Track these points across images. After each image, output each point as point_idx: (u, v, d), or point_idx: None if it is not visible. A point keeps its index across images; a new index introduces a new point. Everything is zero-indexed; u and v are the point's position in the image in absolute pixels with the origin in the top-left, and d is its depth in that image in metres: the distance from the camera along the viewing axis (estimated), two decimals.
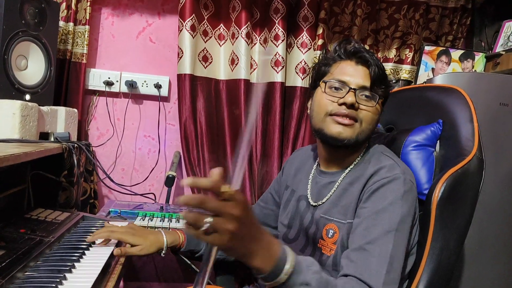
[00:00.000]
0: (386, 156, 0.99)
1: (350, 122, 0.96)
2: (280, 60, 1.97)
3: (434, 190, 0.98)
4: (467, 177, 0.99)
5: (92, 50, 1.97)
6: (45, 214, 1.24)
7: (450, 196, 0.99)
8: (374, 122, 1.00)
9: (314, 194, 1.07)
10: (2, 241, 0.93)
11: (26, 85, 1.50)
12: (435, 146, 1.11)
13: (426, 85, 1.31)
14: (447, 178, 0.98)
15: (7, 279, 0.74)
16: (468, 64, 1.95)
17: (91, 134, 2.00)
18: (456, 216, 0.99)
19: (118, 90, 1.98)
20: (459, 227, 1.00)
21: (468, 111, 1.06)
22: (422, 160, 1.09)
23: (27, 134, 1.39)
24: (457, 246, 0.99)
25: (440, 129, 1.10)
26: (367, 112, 0.98)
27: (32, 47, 1.54)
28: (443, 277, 0.98)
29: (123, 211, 1.57)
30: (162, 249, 1.06)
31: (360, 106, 0.97)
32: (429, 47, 1.94)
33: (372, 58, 0.99)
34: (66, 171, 1.41)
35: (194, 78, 1.96)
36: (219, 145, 2.00)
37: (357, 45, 1.02)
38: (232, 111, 1.99)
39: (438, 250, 0.97)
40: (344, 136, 0.96)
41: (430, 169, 1.08)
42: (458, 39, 2.15)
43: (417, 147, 1.10)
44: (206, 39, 1.99)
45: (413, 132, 1.13)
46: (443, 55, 1.94)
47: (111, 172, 1.98)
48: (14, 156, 0.92)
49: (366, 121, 0.98)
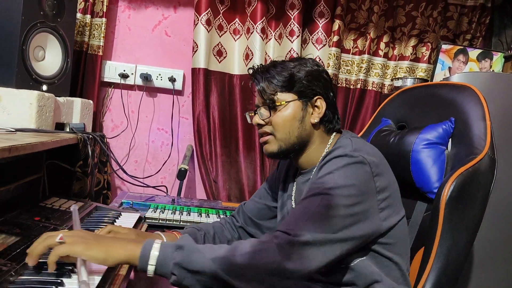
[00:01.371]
0: (347, 139, 1.00)
1: (266, 138, 1.04)
2: (294, 56, 1.96)
3: (444, 188, 0.97)
4: (478, 176, 0.97)
5: (108, 42, 1.99)
6: (59, 203, 1.26)
7: (460, 195, 0.97)
8: (287, 125, 1.01)
9: (297, 193, 1.10)
10: (17, 228, 0.95)
11: (43, 76, 1.52)
12: (446, 145, 1.09)
13: (438, 82, 1.29)
14: (457, 177, 0.97)
15: (21, 265, 0.76)
16: (486, 64, 1.92)
17: (105, 126, 2.02)
18: (466, 215, 0.98)
19: (133, 83, 2.00)
20: (468, 227, 0.98)
21: (481, 109, 1.04)
22: (433, 158, 1.07)
23: (43, 124, 1.42)
24: (466, 246, 0.98)
25: (452, 127, 1.08)
26: (274, 121, 1.02)
27: (50, 39, 1.56)
28: (451, 277, 0.97)
29: (135, 203, 1.59)
30: None
31: (265, 121, 1.03)
32: (447, 45, 1.91)
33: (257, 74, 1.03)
34: (81, 161, 1.43)
35: (208, 72, 1.96)
36: (232, 139, 2.01)
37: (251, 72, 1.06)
38: (246, 106, 1.99)
39: (446, 250, 0.96)
40: (269, 151, 1.04)
41: (441, 168, 1.06)
42: (477, 38, 2.12)
43: (428, 145, 1.09)
44: (221, 33, 1.99)
45: (424, 130, 1.11)
46: (461, 54, 1.91)
47: (124, 163, 2.01)
48: (30, 145, 0.94)
49: (278, 130, 1.02)
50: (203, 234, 1.18)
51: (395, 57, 2.11)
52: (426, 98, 1.23)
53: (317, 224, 0.82)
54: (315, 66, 1.04)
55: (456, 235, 0.97)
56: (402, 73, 2.11)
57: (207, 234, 1.19)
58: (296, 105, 1.01)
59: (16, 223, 0.98)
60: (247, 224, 1.25)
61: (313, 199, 0.86)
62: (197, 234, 1.17)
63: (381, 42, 2.07)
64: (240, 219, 1.27)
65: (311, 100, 1.02)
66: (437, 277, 0.95)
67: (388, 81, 2.10)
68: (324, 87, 1.03)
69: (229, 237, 1.24)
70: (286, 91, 1.01)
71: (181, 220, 1.48)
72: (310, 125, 1.03)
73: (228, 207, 1.70)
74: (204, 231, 1.19)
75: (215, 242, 1.20)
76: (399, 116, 1.30)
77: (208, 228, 1.21)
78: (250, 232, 1.25)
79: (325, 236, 0.82)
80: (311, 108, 1.02)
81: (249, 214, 1.24)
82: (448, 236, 0.96)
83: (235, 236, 1.25)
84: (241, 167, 2.00)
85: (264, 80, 1.02)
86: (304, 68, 1.02)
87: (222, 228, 1.25)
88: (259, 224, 1.24)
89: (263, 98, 1.02)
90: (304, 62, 1.03)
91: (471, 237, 0.98)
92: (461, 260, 0.97)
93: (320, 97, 1.02)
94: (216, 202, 1.80)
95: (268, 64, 1.06)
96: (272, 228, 1.25)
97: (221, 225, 1.26)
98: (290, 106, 1.01)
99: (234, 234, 1.25)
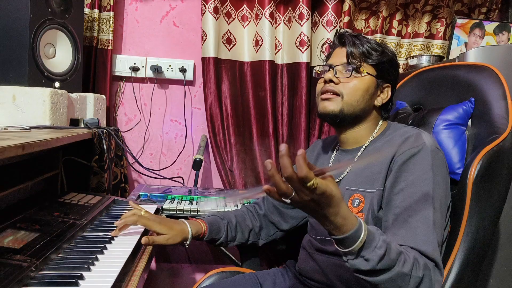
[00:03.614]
0: (409, 127, 1.04)
1: (331, 96, 1.04)
2: (305, 40, 1.93)
3: (470, 168, 0.98)
4: (502, 155, 0.99)
5: (117, 36, 1.98)
6: (77, 198, 1.27)
7: (486, 174, 0.98)
8: (359, 93, 1.03)
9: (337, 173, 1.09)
10: (36, 224, 0.96)
11: (55, 73, 1.53)
12: (467, 125, 1.09)
13: (455, 63, 1.28)
14: (483, 156, 0.98)
15: (41, 260, 0.77)
16: (503, 37, 1.85)
17: (119, 120, 2.03)
18: (491, 194, 0.99)
19: (144, 76, 2.00)
20: (494, 205, 0.99)
21: (501, 88, 1.05)
22: (454, 139, 1.07)
23: (57, 120, 1.43)
24: (491, 224, 0.99)
25: (472, 107, 1.08)
26: (347, 84, 1.04)
27: (59, 35, 1.57)
28: (478, 254, 0.98)
29: (152, 195, 1.60)
30: (187, 239, 1.07)
31: (340, 80, 1.04)
32: (462, 20, 1.85)
33: (351, 37, 1.06)
34: (97, 156, 1.44)
35: (219, 61, 1.95)
36: (245, 127, 1.99)
37: (342, 32, 1.10)
38: (257, 93, 1.97)
39: (473, 229, 0.98)
40: (328, 110, 1.04)
41: (462, 148, 1.07)
42: (492, 11, 2.05)
43: (448, 126, 1.09)
44: (229, 21, 1.97)
45: (444, 111, 1.11)
46: (477, 28, 1.84)
47: (140, 156, 2.02)
48: (44, 142, 0.94)
49: (348, 93, 1.03)
50: (226, 224, 1.19)
51: (409, 35, 2.06)
52: (443, 79, 1.22)
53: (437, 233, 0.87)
54: (395, 57, 1.09)
55: (483, 213, 0.98)
56: (416, 51, 2.05)
57: (230, 224, 1.19)
58: (372, 81, 1.05)
59: (35, 219, 1.00)
60: (271, 212, 1.25)
61: (422, 205, 0.88)
62: (220, 223, 1.18)
63: (393, 20, 2.02)
64: (264, 207, 1.26)
65: (383, 84, 1.07)
66: (465, 256, 0.97)
67: (403, 60, 2.05)
68: (395, 78, 1.10)
69: (251, 225, 1.24)
70: (371, 64, 1.05)
71: (199, 210, 1.49)
72: (373, 105, 1.07)
73: None
74: (227, 220, 1.20)
75: (236, 232, 1.20)
76: (415, 98, 1.30)
77: (231, 217, 1.21)
78: (272, 220, 1.25)
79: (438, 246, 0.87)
80: (380, 90, 1.07)
81: (274, 202, 1.24)
82: (476, 215, 0.98)
83: (256, 224, 1.25)
84: (256, 155, 1.99)
85: (358, 44, 1.05)
86: (389, 54, 1.07)
87: (244, 217, 1.25)
88: (283, 212, 1.24)
89: (348, 60, 1.04)
90: (388, 49, 1.08)
91: (497, 215, 1.00)
92: (488, 238, 0.99)
93: (389, 85, 1.08)
94: (233, 191, 1.80)
95: (360, 35, 1.08)
96: (296, 217, 1.25)
97: (243, 213, 1.26)
98: (368, 79, 1.04)
99: (256, 222, 1.25)
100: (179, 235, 1.05)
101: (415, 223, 0.86)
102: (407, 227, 0.86)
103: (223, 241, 1.18)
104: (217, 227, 1.16)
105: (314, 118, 1.99)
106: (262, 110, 1.97)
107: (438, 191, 0.91)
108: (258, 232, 1.25)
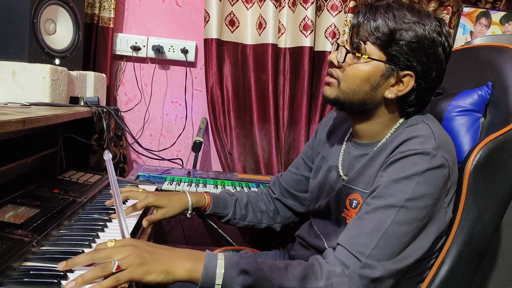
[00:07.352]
0: (425, 125, 0.87)
1: (330, 80, 0.92)
2: (309, 24, 1.90)
3: (469, 157, 0.90)
4: (509, 145, 0.89)
5: (119, 14, 1.95)
6: (77, 176, 1.27)
7: (487, 164, 0.90)
8: (356, 81, 0.87)
9: (345, 165, 1.01)
10: (37, 200, 0.95)
11: (55, 50, 1.51)
12: (482, 112, 0.99)
13: (479, 44, 1.18)
14: (485, 145, 0.89)
15: (42, 236, 0.77)
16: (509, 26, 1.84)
17: (119, 100, 2.01)
18: (494, 186, 0.91)
19: (145, 55, 1.97)
20: (496, 198, 0.91)
21: None
22: (466, 126, 0.99)
23: (57, 98, 1.41)
24: (494, 218, 0.91)
25: (488, 92, 0.98)
26: (346, 71, 0.88)
27: (60, 11, 1.54)
28: (475, 250, 0.91)
29: (151, 176, 1.59)
30: (187, 209, 1.06)
31: (340, 63, 0.89)
32: (468, 8, 1.83)
33: (367, 7, 0.86)
34: (96, 135, 1.43)
35: (221, 43, 1.93)
36: (246, 110, 1.98)
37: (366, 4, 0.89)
38: (259, 77, 1.96)
39: (470, 222, 0.90)
40: (325, 94, 0.94)
41: (474, 136, 0.98)
42: (500, 0, 2.02)
43: (461, 113, 1.00)
44: (233, 2, 1.94)
45: (457, 97, 1.02)
46: (483, 17, 1.83)
47: (139, 137, 2.01)
48: (45, 118, 0.93)
49: (344, 80, 0.89)
50: (235, 200, 1.16)
51: None
52: (466, 61, 1.11)
53: (389, 247, 0.76)
54: (434, 34, 0.84)
55: (482, 206, 0.90)
56: None
57: (239, 200, 1.17)
58: (377, 68, 0.86)
59: (36, 195, 0.99)
60: (284, 196, 1.22)
61: (387, 212, 0.78)
62: (228, 199, 1.16)
63: None
64: (277, 190, 1.23)
65: (400, 72, 0.86)
66: (459, 250, 0.90)
67: None
68: (427, 64, 0.85)
69: (264, 208, 1.22)
70: (377, 46, 0.85)
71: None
72: (382, 97, 0.89)
73: (244, 179, 1.70)
74: (237, 197, 1.17)
75: (247, 211, 1.18)
76: None
77: (242, 195, 1.19)
78: (287, 204, 1.22)
79: (397, 267, 0.77)
80: (394, 80, 0.86)
81: (286, 186, 1.21)
82: (473, 208, 0.89)
83: (270, 207, 1.22)
84: (256, 139, 1.99)
85: (365, 19, 0.85)
86: (418, 30, 0.83)
87: (257, 198, 1.23)
88: (297, 195, 1.20)
89: (351, 39, 0.88)
90: (424, 23, 0.83)
91: (499, 210, 0.92)
92: (488, 233, 0.92)
93: (412, 74, 0.85)
94: (231, 174, 1.80)
95: (385, 4, 0.86)
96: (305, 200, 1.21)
97: (257, 195, 1.24)
98: (370, 64, 0.86)
99: (269, 205, 1.23)
100: (177, 205, 1.04)
101: (365, 225, 0.79)
102: (358, 225, 0.80)
103: (230, 218, 1.15)
104: (223, 202, 1.14)
105: (316, 103, 1.98)
106: (263, 94, 1.95)
107: (415, 203, 0.78)
108: (272, 215, 1.22)
